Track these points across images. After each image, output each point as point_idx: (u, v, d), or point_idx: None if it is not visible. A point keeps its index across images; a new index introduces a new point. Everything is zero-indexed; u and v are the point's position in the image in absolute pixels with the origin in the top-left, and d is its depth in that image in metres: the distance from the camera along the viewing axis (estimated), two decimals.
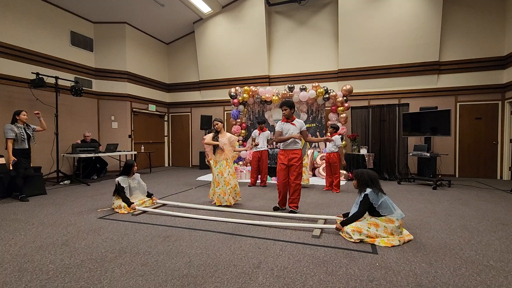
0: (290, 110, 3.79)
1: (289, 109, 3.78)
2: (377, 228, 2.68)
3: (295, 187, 3.72)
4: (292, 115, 3.84)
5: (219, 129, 4.30)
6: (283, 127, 3.82)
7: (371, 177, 2.82)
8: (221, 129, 4.33)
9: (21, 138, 4.52)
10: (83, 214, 3.71)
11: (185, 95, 10.31)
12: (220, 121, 4.34)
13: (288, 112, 3.78)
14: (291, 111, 3.80)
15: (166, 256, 2.37)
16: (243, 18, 8.71)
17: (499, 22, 7.04)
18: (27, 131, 4.65)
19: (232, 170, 4.26)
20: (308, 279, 1.99)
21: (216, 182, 4.19)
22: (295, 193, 3.74)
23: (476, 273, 2.08)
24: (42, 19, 6.65)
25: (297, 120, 3.82)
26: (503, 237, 2.84)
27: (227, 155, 4.25)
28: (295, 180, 3.71)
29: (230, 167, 4.25)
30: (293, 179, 3.72)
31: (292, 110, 3.82)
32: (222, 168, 4.20)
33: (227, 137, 4.28)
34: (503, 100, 7.10)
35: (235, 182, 4.21)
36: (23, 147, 4.56)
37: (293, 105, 3.85)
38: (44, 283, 1.93)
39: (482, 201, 4.48)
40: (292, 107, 3.82)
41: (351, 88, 7.20)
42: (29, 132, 4.70)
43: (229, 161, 4.28)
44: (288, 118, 3.82)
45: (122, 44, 8.27)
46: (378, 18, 7.62)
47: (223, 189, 4.13)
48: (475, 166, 7.37)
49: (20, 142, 4.52)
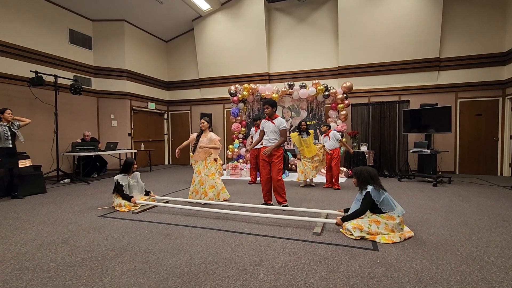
0: (272, 109, 3.90)
1: (270, 107, 3.89)
2: (378, 225, 2.67)
3: (277, 182, 3.84)
4: (274, 114, 3.94)
5: (204, 128, 4.28)
6: (264, 125, 3.99)
7: (370, 174, 2.82)
8: (205, 129, 4.29)
9: (4, 136, 4.43)
10: (84, 213, 3.71)
11: (184, 93, 10.29)
12: (206, 120, 4.30)
13: (270, 111, 3.90)
14: (273, 109, 3.91)
15: (167, 254, 2.37)
16: (242, 15, 8.66)
17: (499, 18, 7.00)
18: (12, 129, 4.54)
19: (210, 171, 4.21)
20: (309, 276, 1.99)
21: (193, 180, 4.31)
22: (279, 188, 3.86)
23: (477, 269, 2.08)
24: (40, 17, 6.62)
25: (277, 119, 3.90)
26: (504, 233, 2.84)
27: (204, 155, 4.23)
28: (276, 176, 3.83)
29: (208, 167, 4.21)
30: (275, 175, 3.84)
31: (274, 109, 3.92)
32: (200, 167, 4.24)
33: (207, 137, 4.22)
34: (503, 96, 7.08)
35: (212, 183, 4.18)
36: (6, 146, 4.46)
37: (275, 103, 3.95)
38: (45, 281, 1.93)
39: (483, 198, 4.48)
40: (274, 105, 3.92)
41: (351, 85, 7.18)
42: (15, 130, 4.57)
43: (208, 161, 4.24)
44: (270, 116, 3.94)
45: (121, 42, 8.23)
46: (378, 14, 7.58)
47: (196, 187, 4.27)
48: (475, 162, 7.37)
49: (3, 140, 4.42)
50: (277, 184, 3.85)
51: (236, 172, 6.98)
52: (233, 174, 6.98)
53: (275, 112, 3.98)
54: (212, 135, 4.26)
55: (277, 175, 3.83)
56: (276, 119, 3.90)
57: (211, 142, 4.20)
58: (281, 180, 3.86)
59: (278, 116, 3.95)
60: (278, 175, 3.83)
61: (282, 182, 3.88)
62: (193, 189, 4.33)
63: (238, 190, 5.25)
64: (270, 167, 3.89)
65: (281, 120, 3.90)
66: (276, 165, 3.83)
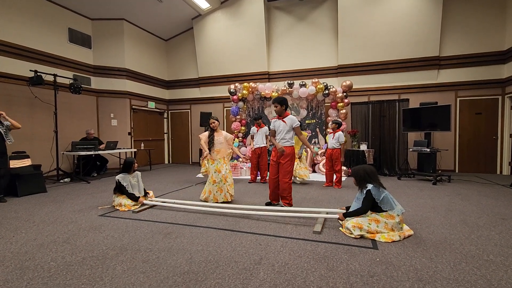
0: (281, 107, 3.70)
1: (279, 105, 3.69)
2: (378, 224, 2.68)
3: (284, 185, 3.71)
4: (285, 112, 3.75)
5: (215, 128, 4.26)
6: (275, 125, 3.82)
7: (367, 171, 2.81)
8: (217, 128, 4.29)
9: None
10: (84, 212, 3.72)
11: (184, 92, 10.28)
12: (216, 119, 4.28)
13: (279, 109, 3.71)
14: (282, 107, 3.70)
15: (167, 253, 2.37)
16: (242, 14, 8.65)
17: (499, 16, 6.99)
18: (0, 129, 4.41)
19: (229, 168, 4.27)
20: (309, 275, 1.99)
21: (213, 180, 4.11)
22: (284, 191, 3.74)
23: (476, 267, 2.08)
24: (39, 16, 6.60)
25: (289, 117, 3.73)
26: (503, 231, 2.85)
27: (223, 154, 4.25)
28: (283, 178, 3.69)
29: (227, 164, 4.26)
30: (282, 177, 3.71)
31: (283, 107, 3.71)
32: (219, 166, 4.18)
33: (223, 135, 4.26)
34: (503, 95, 7.08)
35: (231, 180, 4.23)
36: None
37: (284, 101, 3.72)
38: (46, 281, 1.94)
39: (482, 196, 4.49)
40: (283, 103, 3.70)
41: (351, 84, 7.18)
42: (1, 129, 4.42)
43: (226, 159, 4.27)
44: (280, 115, 3.77)
45: (120, 41, 8.22)
46: (378, 13, 7.57)
47: (219, 185, 4.08)
48: (475, 161, 7.37)
49: None
50: (283, 187, 3.72)
51: (236, 171, 6.99)
52: (233, 173, 6.98)
53: (286, 110, 3.76)
54: (227, 134, 4.31)
55: (284, 177, 3.69)
56: (287, 118, 3.71)
57: (229, 141, 4.27)
58: (288, 183, 3.71)
59: (288, 114, 3.76)
60: (285, 177, 3.69)
61: (289, 184, 3.73)
62: (217, 188, 4.08)
63: (238, 189, 5.25)
64: (278, 168, 3.76)
65: (292, 118, 3.73)
66: (284, 167, 3.69)
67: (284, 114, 3.76)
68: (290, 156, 3.70)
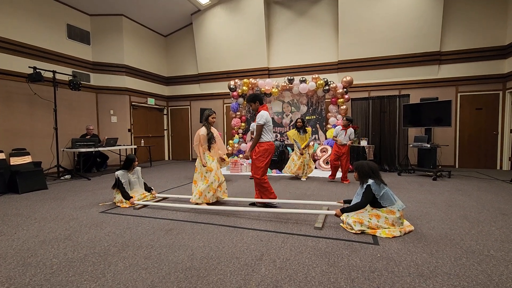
0: (255, 104, 3.66)
1: (253, 103, 3.67)
2: (378, 219, 2.69)
3: (256, 181, 3.62)
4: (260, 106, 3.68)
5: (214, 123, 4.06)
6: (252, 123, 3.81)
7: (371, 168, 2.82)
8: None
9: None
10: (85, 209, 3.72)
11: (184, 88, 10.24)
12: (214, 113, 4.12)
13: (254, 107, 3.69)
14: (256, 104, 3.66)
15: (169, 249, 2.38)
16: (241, 9, 8.58)
17: (500, 11, 6.94)
18: None
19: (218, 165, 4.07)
20: (310, 271, 2.00)
21: (206, 180, 3.81)
22: (260, 187, 3.63)
23: (476, 262, 2.09)
24: (37, 12, 6.54)
25: (258, 114, 3.62)
26: (504, 226, 2.86)
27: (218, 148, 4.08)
28: (255, 174, 3.59)
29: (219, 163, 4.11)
30: (253, 173, 3.63)
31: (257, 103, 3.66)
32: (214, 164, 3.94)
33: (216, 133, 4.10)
34: (504, 90, 7.06)
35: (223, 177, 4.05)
36: None
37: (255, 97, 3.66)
38: (48, 277, 1.95)
39: (482, 192, 4.50)
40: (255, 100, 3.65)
41: (351, 80, 7.15)
42: None
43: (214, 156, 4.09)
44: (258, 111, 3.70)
45: (119, 37, 8.16)
46: (379, 8, 7.51)
47: (212, 186, 3.78)
48: (475, 156, 7.38)
49: None
50: (256, 182, 3.61)
51: (236, 168, 6.99)
52: (233, 170, 6.99)
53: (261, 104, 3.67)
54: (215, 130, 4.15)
55: (256, 173, 3.56)
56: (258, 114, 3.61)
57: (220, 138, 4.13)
58: (261, 179, 3.55)
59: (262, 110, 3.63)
60: (257, 173, 3.55)
61: (263, 180, 3.56)
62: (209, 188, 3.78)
63: (239, 185, 5.26)
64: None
65: (259, 115, 3.59)
66: (254, 162, 3.57)
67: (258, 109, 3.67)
68: (261, 153, 3.57)
